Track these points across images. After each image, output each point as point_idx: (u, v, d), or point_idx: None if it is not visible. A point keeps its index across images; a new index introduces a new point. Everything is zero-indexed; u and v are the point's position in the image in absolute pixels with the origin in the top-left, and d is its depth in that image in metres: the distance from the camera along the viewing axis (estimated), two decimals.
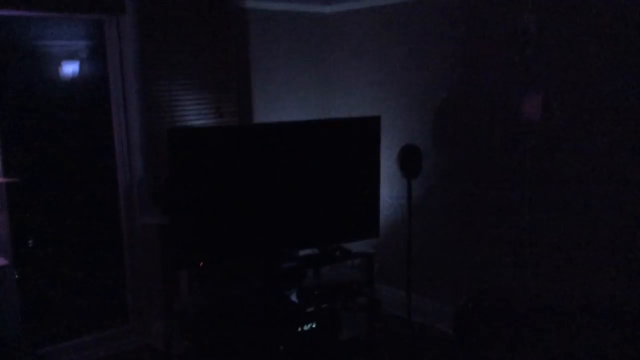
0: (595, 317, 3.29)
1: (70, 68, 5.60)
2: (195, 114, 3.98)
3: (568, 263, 3.38)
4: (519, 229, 3.57)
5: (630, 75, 3.05)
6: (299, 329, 3.49)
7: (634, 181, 3.09)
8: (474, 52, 3.71)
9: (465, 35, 3.75)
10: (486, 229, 3.77)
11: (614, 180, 3.16)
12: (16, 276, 3.58)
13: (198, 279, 3.51)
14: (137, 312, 3.99)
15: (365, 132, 3.75)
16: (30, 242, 5.07)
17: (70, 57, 5.60)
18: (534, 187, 3.47)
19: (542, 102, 3.40)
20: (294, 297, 3.57)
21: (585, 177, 3.27)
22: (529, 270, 3.55)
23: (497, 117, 3.62)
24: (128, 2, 3.63)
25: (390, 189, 4.19)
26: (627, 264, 3.15)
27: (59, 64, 5.58)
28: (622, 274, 3.17)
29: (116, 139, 3.85)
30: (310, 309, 3.54)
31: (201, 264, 3.45)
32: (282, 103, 4.38)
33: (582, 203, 3.29)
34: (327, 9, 4.53)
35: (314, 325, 3.53)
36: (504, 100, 3.57)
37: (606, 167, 3.18)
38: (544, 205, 3.45)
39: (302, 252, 3.77)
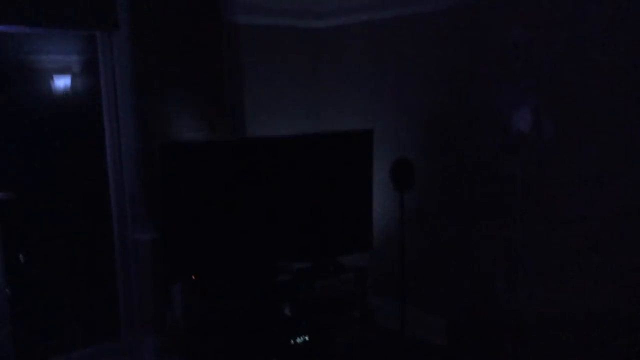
0: (588, 329, 3.30)
1: (62, 82, 5.60)
2: (188, 128, 3.98)
3: (561, 274, 3.40)
4: (513, 241, 3.58)
5: (621, 86, 3.08)
6: (292, 342, 3.48)
7: (625, 190, 3.12)
8: (465, 66, 3.75)
9: (456, 48, 3.78)
10: (479, 241, 3.78)
11: (605, 190, 3.19)
12: (7, 291, 3.56)
13: (191, 294, 3.49)
14: (129, 328, 3.97)
15: (358, 145, 3.77)
16: (21, 257, 5.04)
17: (62, 71, 5.61)
18: (527, 198, 3.49)
19: (532, 114, 3.43)
20: (287, 311, 3.57)
21: (576, 187, 3.29)
22: (523, 282, 3.56)
23: (489, 130, 3.65)
24: (121, 17, 3.65)
25: (382, 202, 4.20)
26: (621, 274, 3.17)
27: (50, 78, 5.58)
28: (616, 284, 3.19)
29: (108, 153, 3.84)
30: (303, 323, 3.54)
31: (194, 277, 3.44)
32: (274, 117, 4.39)
33: (574, 214, 3.31)
34: (319, 24, 4.56)
35: (307, 339, 3.52)
36: (495, 113, 3.60)
37: (597, 178, 3.21)
38: (537, 216, 3.47)
39: (295, 266, 3.76)
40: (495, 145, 3.62)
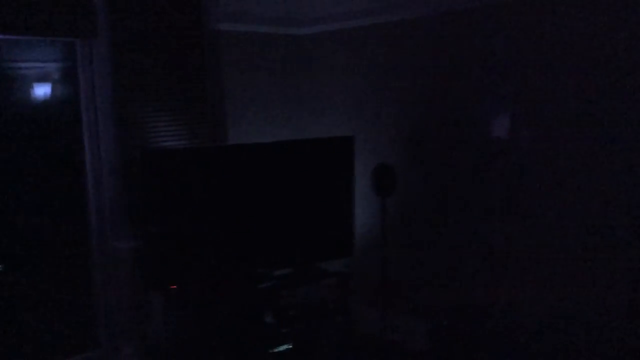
0: (572, 332, 3.32)
1: (41, 90, 5.54)
2: (168, 135, 3.97)
3: (542, 278, 3.42)
4: (494, 246, 3.60)
5: (599, 93, 3.13)
6: (274, 351, 3.46)
7: (601, 194, 3.15)
8: (444, 73, 3.78)
9: (436, 56, 3.81)
10: (460, 246, 3.80)
11: (582, 195, 3.22)
12: None
13: (170, 302, 3.47)
14: (108, 337, 3.93)
15: (339, 151, 3.78)
16: (0, 267, 4.96)
17: (42, 79, 5.55)
18: (507, 203, 3.52)
19: (510, 120, 3.46)
20: (269, 318, 3.55)
21: (554, 192, 3.33)
22: (504, 287, 3.58)
23: (469, 136, 3.68)
24: (100, 25, 3.63)
25: (364, 208, 4.21)
26: (602, 278, 3.20)
27: (30, 86, 5.52)
28: (597, 288, 3.22)
29: (87, 160, 3.81)
30: (285, 330, 3.52)
31: (174, 286, 3.42)
32: (256, 124, 4.39)
33: (553, 218, 3.35)
34: (301, 31, 4.57)
35: (289, 346, 3.51)
36: (474, 120, 3.63)
37: (574, 182, 3.24)
38: (516, 221, 3.50)
39: (277, 272, 3.76)
40: (475, 151, 3.65)
